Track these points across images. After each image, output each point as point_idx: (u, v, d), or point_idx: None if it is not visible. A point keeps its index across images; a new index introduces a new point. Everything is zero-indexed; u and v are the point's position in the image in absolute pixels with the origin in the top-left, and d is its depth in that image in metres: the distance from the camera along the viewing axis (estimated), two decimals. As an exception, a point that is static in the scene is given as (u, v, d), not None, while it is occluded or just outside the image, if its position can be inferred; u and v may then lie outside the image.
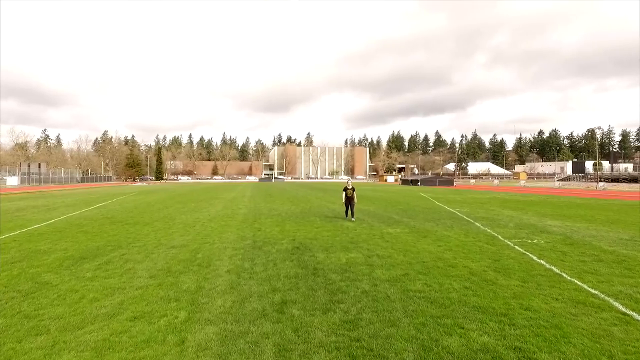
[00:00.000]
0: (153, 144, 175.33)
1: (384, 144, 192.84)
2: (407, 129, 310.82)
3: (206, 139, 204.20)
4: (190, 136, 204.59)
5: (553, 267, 7.52)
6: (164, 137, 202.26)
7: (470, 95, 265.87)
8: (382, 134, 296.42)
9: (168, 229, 13.39)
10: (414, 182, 79.29)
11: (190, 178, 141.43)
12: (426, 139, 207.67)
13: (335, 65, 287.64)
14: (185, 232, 12.80)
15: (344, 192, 15.62)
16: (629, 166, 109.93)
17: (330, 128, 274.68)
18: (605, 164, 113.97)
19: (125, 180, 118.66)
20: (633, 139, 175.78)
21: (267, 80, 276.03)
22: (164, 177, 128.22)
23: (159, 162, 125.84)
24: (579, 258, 8.43)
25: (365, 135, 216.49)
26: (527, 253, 8.93)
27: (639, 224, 14.80)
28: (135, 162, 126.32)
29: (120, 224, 14.74)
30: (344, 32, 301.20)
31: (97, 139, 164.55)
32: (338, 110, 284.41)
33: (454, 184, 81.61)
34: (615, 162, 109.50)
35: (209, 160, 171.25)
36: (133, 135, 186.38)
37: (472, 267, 7.59)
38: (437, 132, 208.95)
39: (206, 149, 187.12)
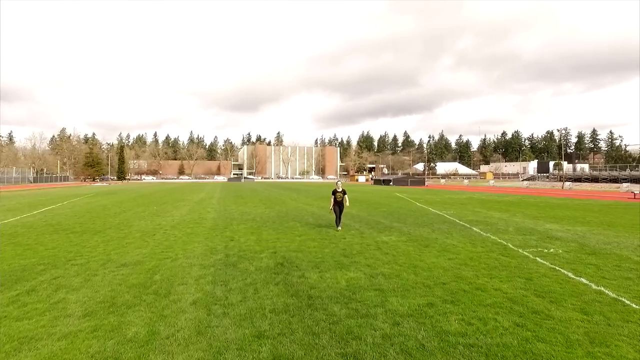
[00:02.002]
0: (115, 142, 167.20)
1: (354, 144, 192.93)
2: (376, 129, 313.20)
3: (172, 137, 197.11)
4: (155, 135, 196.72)
5: (603, 289, 6.12)
6: (128, 136, 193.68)
7: (437, 97, 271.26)
8: (351, 134, 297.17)
9: (122, 239, 11.22)
10: (386, 182, 78.73)
11: (155, 178, 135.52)
12: (395, 139, 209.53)
13: (305, 65, 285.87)
14: (142, 243, 10.69)
15: (333, 197, 13.00)
16: (585, 166, 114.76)
17: (301, 128, 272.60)
18: (565, 164, 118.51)
19: (84, 181, 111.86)
20: (587, 140, 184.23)
21: (235, 78, 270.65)
22: (127, 177, 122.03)
23: (122, 161, 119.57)
24: (620, 274, 7.11)
25: (335, 135, 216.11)
26: (557, 267, 7.54)
27: (637, 225, 13.99)
28: (95, 161, 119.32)
29: (64, 233, 12.39)
30: (313, 32, 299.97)
31: (54, 136, 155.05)
32: (308, 110, 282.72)
33: (425, 183, 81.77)
34: (573, 162, 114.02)
35: (175, 159, 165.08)
36: (94, 133, 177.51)
37: (505, 291, 6.07)
38: (405, 133, 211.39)
39: (172, 148, 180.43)
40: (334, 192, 13.04)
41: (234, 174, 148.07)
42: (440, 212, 18.98)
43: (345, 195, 13.14)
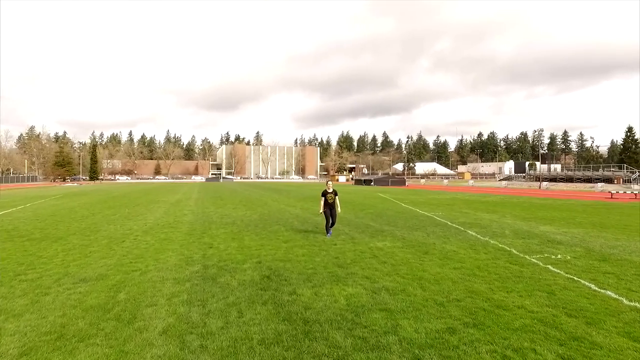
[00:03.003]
0: (88, 141, 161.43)
1: (333, 144, 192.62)
2: (355, 129, 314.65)
3: (148, 136, 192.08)
4: (130, 133, 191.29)
5: (639, 305, 5.40)
6: (101, 134, 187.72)
7: (415, 98, 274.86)
8: (331, 134, 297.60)
9: (85, 248, 9.97)
10: (367, 182, 78.36)
11: (129, 178, 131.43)
12: (374, 139, 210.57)
13: (285, 64, 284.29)
14: (109, 251, 9.49)
15: (323, 198, 11.49)
16: (558, 167, 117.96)
17: (280, 127, 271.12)
18: (538, 165, 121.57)
19: (54, 181, 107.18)
20: (559, 142, 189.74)
21: (214, 77, 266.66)
22: (100, 177, 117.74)
23: (94, 160, 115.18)
24: (644, 284, 6.45)
25: (315, 135, 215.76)
26: (574, 277, 6.83)
27: (630, 227, 13.64)
28: (65, 161, 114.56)
29: (19, 241, 11.01)
30: (293, 31, 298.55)
31: (21, 135, 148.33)
32: (288, 109, 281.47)
33: (406, 183, 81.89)
34: (548, 163, 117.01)
35: (152, 159, 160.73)
36: (65, 132, 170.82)
37: (530, 308, 5.27)
38: (384, 133, 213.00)
39: (148, 148, 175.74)
40: (325, 194, 11.54)
41: (212, 174, 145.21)
42: (429, 214, 18.32)
43: (337, 197, 11.67)
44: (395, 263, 8.01)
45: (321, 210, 11.61)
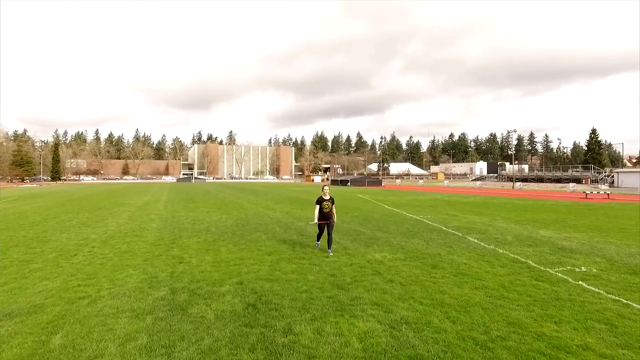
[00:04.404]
0: (51, 139, 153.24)
1: (308, 144, 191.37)
2: (329, 129, 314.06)
3: (116, 135, 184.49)
4: (97, 132, 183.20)
5: None
6: (65, 133, 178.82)
7: (388, 99, 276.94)
8: (306, 134, 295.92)
9: (25, 265, 8.20)
10: (343, 183, 77.47)
11: (95, 178, 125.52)
12: (349, 139, 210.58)
13: (258, 64, 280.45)
14: (54, 269, 7.79)
15: (318, 206, 9.41)
16: (525, 167, 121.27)
17: (254, 127, 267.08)
18: (507, 165, 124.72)
19: (11, 181, 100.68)
20: (526, 143, 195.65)
21: (186, 76, 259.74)
22: (62, 177, 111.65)
23: (56, 160, 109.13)
24: None
25: (289, 135, 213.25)
26: (624, 300, 5.75)
27: (626, 230, 13.01)
28: (24, 160, 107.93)
29: (-57, 256, 9.06)
30: (266, 31, 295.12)
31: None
32: (262, 109, 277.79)
33: (383, 184, 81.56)
34: (520, 163, 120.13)
35: (119, 158, 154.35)
36: (25, 130, 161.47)
37: (598, 350, 4.10)
38: (358, 134, 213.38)
39: (116, 147, 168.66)
40: (320, 201, 9.43)
41: (183, 174, 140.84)
42: (418, 217, 17.27)
43: (333, 206, 9.60)
44: (404, 282, 6.74)
45: (316, 220, 9.55)
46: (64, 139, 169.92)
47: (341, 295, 5.99)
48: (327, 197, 9.46)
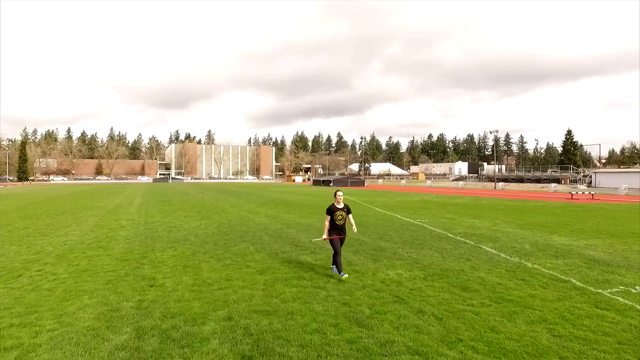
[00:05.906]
0: (19, 138, 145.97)
1: (288, 144, 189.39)
2: (310, 129, 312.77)
3: (89, 134, 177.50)
4: (69, 130, 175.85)
5: None
6: (34, 131, 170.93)
7: (368, 100, 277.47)
8: (286, 134, 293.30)
9: (-50, 292, 6.40)
10: (326, 183, 76.06)
11: (66, 179, 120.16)
12: (329, 139, 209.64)
13: (237, 63, 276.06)
14: (-15, 299, 6.04)
15: (329, 217, 7.46)
16: (502, 167, 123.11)
17: (234, 126, 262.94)
18: (485, 165, 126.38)
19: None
20: (502, 143, 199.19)
21: (163, 73, 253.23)
22: (30, 178, 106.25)
23: (23, 159, 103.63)
24: None
25: (269, 135, 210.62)
26: None
27: (637, 234, 12.11)
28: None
29: None
30: (245, 30, 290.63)
31: None
32: (241, 108, 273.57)
33: (365, 184, 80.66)
34: (501, 164, 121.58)
35: (92, 158, 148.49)
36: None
37: None
38: (339, 134, 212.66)
39: (89, 146, 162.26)
40: (332, 211, 7.44)
41: (160, 174, 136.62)
42: (415, 221, 16.03)
43: (350, 216, 7.69)
44: (439, 313, 5.34)
45: (325, 236, 7.51)
46: (33, 137, 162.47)
47: (365, 339, 4.53)
48: (341, 206, 7.48)
